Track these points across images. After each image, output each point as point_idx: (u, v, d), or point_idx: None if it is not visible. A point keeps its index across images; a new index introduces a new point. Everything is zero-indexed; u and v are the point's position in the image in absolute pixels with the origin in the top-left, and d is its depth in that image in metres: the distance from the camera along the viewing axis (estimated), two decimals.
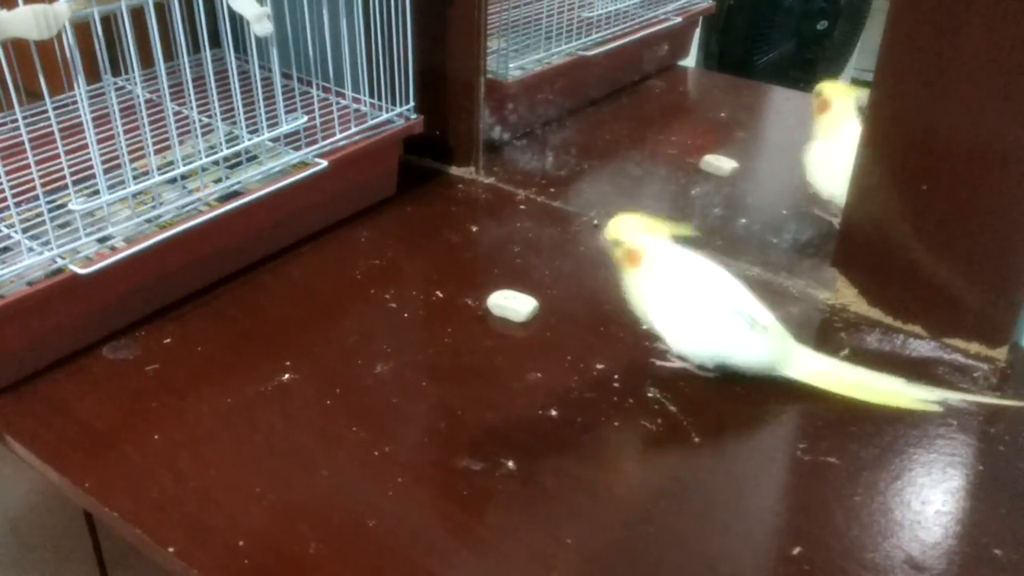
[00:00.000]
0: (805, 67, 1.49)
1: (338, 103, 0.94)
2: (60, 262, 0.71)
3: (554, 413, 0.70)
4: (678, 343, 0.73)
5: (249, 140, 0.81)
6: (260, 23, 0.73)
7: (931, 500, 0.63)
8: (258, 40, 0.77)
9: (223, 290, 0.84)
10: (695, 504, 0.62)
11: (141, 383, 0.73)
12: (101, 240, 0.75)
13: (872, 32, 1.43)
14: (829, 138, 0.90)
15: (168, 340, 0.77)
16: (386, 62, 0.92)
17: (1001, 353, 0.75)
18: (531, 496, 0.63)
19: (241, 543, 0.59)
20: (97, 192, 0.73)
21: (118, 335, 0.77)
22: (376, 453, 0.66)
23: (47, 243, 0.72)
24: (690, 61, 1.39)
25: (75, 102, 0.89)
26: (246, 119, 0.84)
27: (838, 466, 0.65)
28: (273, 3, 0.80)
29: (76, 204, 0.70)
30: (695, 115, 1.27)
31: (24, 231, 0.73)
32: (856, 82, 1.53)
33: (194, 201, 0.80)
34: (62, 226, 0.76)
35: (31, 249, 0.71)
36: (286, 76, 0.87)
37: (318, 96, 0.90)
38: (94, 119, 0.71)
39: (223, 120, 0.84)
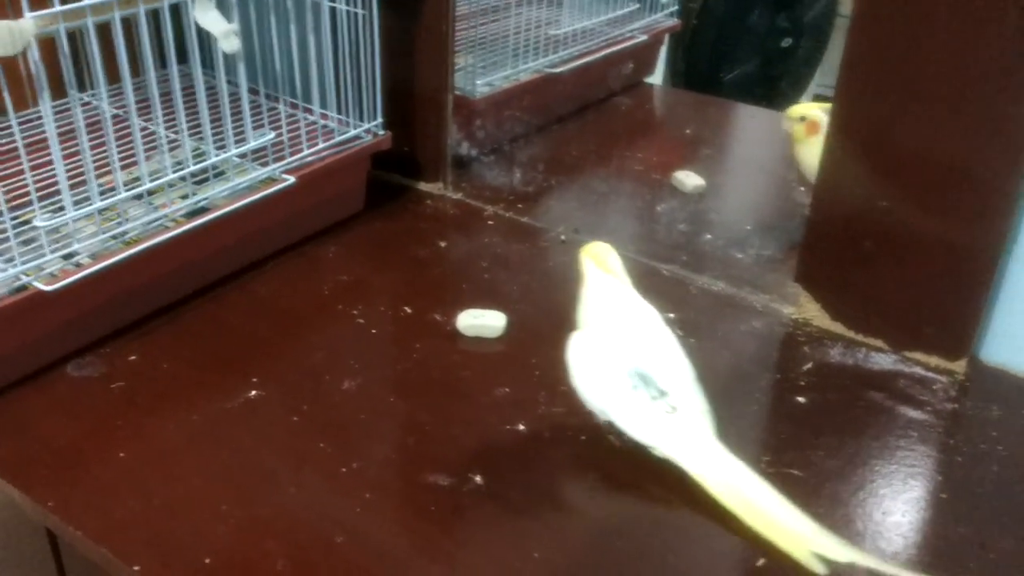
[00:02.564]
0: (770, 84, 1.51)
1: (306, 119, 0.94)
2: (24, 279, 0.71)
3: (522, 428, 0.70)
4: (575, 379, 0.68)
5: (216, 156, 0.81)
6: (228, 40, 0.73)
7: (892, 511, 0.64)
8: (226, 56, 0.78)
9: (189, 306, 0.83)
10: (662, 518, 0.63)
11: (107, 401, 0.72)
12: (66, 257, 0.75)
13: (835, 50, 1.45)
14: None
15: (134, 357, 0.77)
16: (354, 78, 0.92)
17: (960, 366, 0.77)
18: (499, 511, 0.63)
19: (207, 560, 0.59)
20: (62, 208, 0.73)
21: (83, 352, 0.77)
22: (344, 469, 0.66)
23: (11, 260, 0.71)
24: (656, 78, 1.41)
25: (40, 117, 0.89)
26: (213, 135, 0.84)
27: (802, 478, 0.66)
28: (240, 19, 0.80)
29: (41, 220, 0.70)
30: (661, 132, 1.29)
31: None
32: (819, 98, 1.55)
33: (160, 217, 0.80)
34: (27, 243, 0.75)
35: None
36: (253, 92, 0.88)
37: (285, 112, 0.90)
38: (60, 135, 0.70)
39: (190, 136, 0.84)
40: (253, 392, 0.73)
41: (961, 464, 0.68)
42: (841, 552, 0.58)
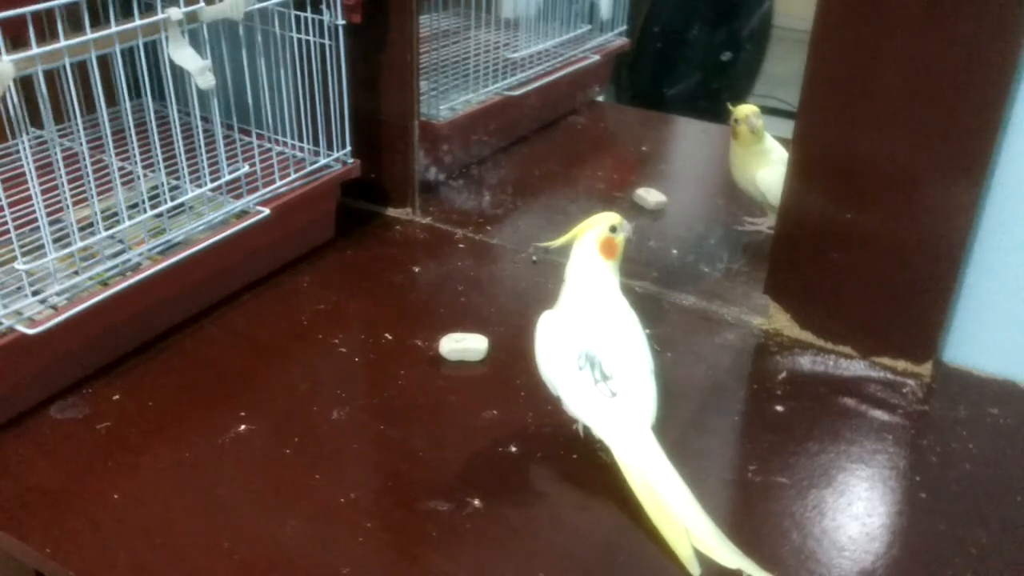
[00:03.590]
0: (711, 97, 1.55)
1: (275, 150, 0.94)
2: (5, 323, 0.70)
3: (514, 449, 0.71)
4: (536, 353, 0.70)
5: (192, 191, 0.81)
6: (203, 76, 0.74)
7: (876, 513, 0.66)
8: (199, 91, 0.78)
9: (167, 342, 0.83)
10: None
11: (94, 442, 0.72)
12: (35, 296, 0.74)
13: (771, 61, 1.50)
14: (775, 162, 0.95)
15: (117, 396, 0.76)
16: (322, 108, 0.93)
17: (926, 369, 0.80)
18: (500, 533, 0.64)
19: None
20: (38, 249, 0.72)
21: (65, 394, 0.76)
22: (342, 500, 0.67)
23: None
24: (601, 95, 1.43)
25: (10, 155, 0.88)
26: (187, 169, 0.84)
27: (788, 485, 0.69)
28: (210, 53, 0.80)
29: (21, 264, 0.69)
30: (618, 149, 1.31)
31: None
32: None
33: (136, 255, 0.79)
34: None
35: None
36: (225, 125, 0.88)
37: (256, 144, 0.91)
38: (13, 177, 0.70)
39: (162, 171, 0.84)
40: (242, 426, 0.73)
41: (936, 464, 0.71)
42: (731, 559, 0.60)
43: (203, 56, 0.75)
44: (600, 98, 1.43)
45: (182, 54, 0.73)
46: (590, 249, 0.71)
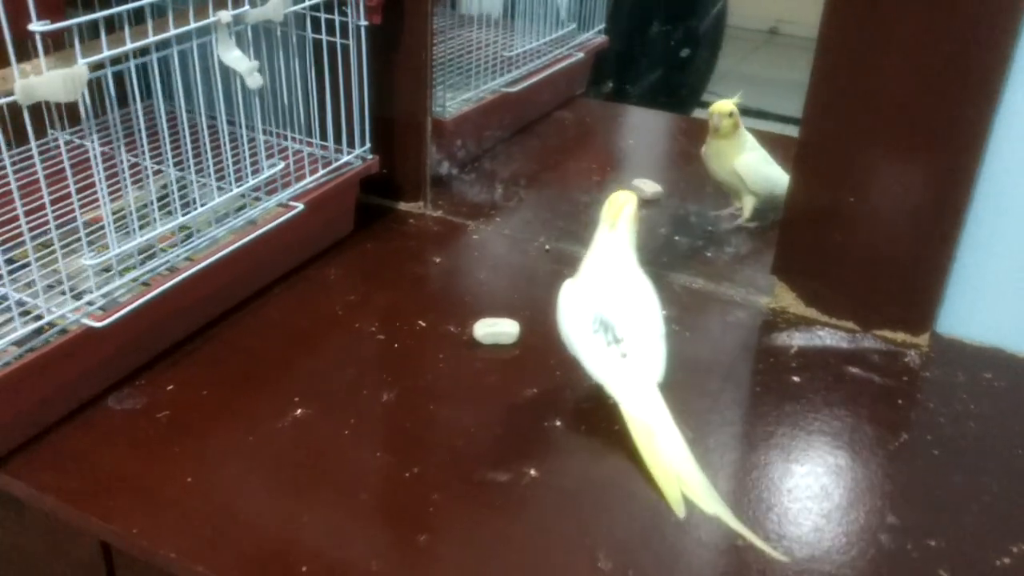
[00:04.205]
0: (671, 92, 1.61)
1: (303, 149, 0.98)
2: (71, 317, 0.72)
3: (558, 423, 0.76)
4: (557, 318, 0.76)
5: (237, 188, 0.84)
6: (251, 76, 0.77)
7: (899, 471, 0.73)
8: (238, 94, 0.81)
9: (210, 335, 0.86)
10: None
11: (157, 430, 0.75)
12: (77, 297, 0.76)
13: (725, 59, 1.57)
14: (750, 149, 1.02)
15: (171, 387, 0.79)
16: (345, 107, 0.96)
17: (924, 340, 0.87)
18: (558, 498, 0.69)
19: (304, 568, 0.63)
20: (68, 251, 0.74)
21: (119, 386, 0.79)
22: (406, 475, 0.71)
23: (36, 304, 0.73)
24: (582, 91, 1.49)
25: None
26: (217, 169, 0.87)
27: (816, 446, 0.75)
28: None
29: (88, 259, 0.72)
30: (607, 142, 1.37)
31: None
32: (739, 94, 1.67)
33: (179, 252, 0.82)
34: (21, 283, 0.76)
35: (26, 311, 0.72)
36: (249, 127, 0.91)
37: (281, 143, 0.94)
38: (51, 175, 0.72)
39: (205, 174, 0.87)
40: (299, 411, 0.77)
41: (944, 424, 0.78)
42: (711, 506, 0.66)
43: (250, 59, 0.78)
44: (580, 94, 1.49)
45: (231, 55, 0.76)
46: (604, 221, 0.77)
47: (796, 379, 0.83)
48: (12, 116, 0.68)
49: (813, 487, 0.71)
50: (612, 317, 0.73)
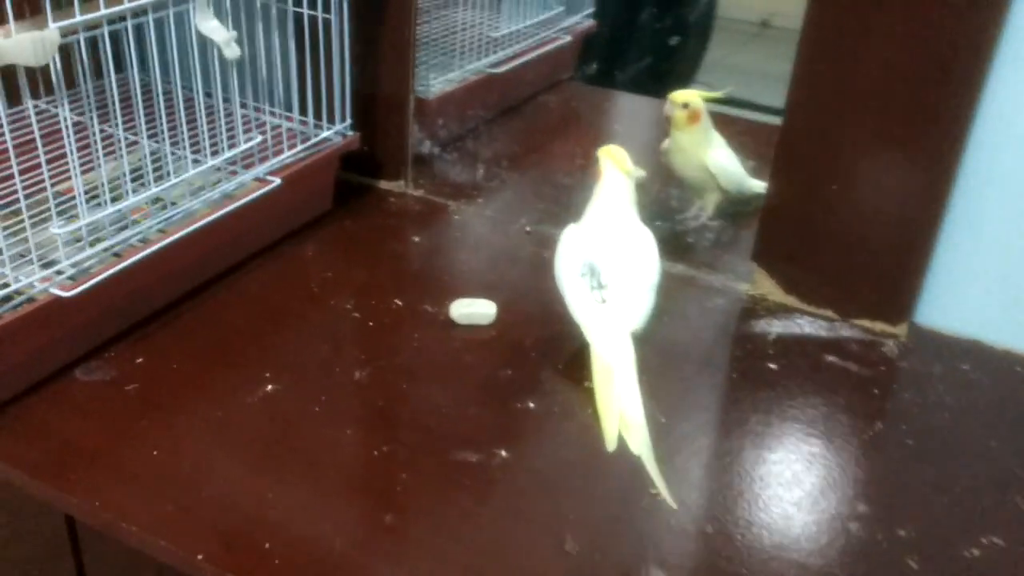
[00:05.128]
0: (659, 80, 1.61)
1: (278, 123, 0.96)
2: (39, 286, 0.71)
3: (532, 405, 0.76)
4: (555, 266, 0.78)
5: (212, 161, 0.83)
6: (229, 47, 0.76)
7: (872, 459, 0.73)
8: (215, 66, 0.80)
9: (182, 308, 0.85)
10: (672, 476, 0.69)
11: (125, 403, 0.74)
12: (47, 266, 0.75)
13: (714, 48, 1.56)
14: (719, 145, 1.00)
15: (140, 360, 0.78)
16: (326, 82, 0.95)
17: (902, 330, 0.87)
18: (529, 480, 0.68)
19: (267, 545, 0.62)
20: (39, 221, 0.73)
21: (88, 358, 0.78)
22: (376, 453, 0.70)
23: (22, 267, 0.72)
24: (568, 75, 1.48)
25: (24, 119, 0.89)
26: (193, 142, 0.86)
27: (788, 433, 0.74)
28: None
29: (57, 228, 0.71)
30: (590, 126, 1.36)
31: None
32: (727, 90, 1.67)
33: (163, 220, 0.81)
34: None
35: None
36: (227, 100, 0.89)
37: (262, 118, 0.93)
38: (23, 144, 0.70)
39: (173, 143, 0.86)
40: (269, 386, 0.76)
41: (918, 414, 0.77)
42: (637, 447, 0.65)
43: (228, 29, 0.77)
44: (567, 78, 1.48)
45: (209, 25, 0.75)
46: (613, 172, 0.81)
47: (773, 366, 0.82)
48: None
49: (784, 474, 0.70)
50: (600, 263, 0.76)
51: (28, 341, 0.71)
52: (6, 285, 0.72)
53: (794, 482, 0.70)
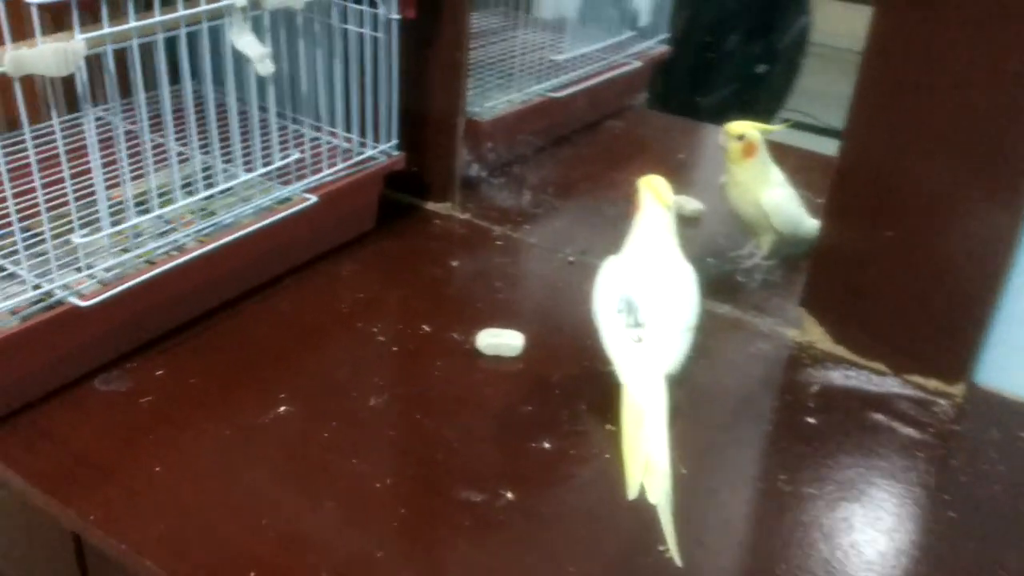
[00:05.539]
0: (745, 108, 1.55)
1: (324, 139, 0.96)
2: (59, 295, 0.72)
3: (547, 446, 0.72)
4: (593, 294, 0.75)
5: (243, 175, 0.83)
6: (263, 63, 0.75)
7: (902, 529, 0.67)
8: (254, 78, 0.79)
9: (210, 322, 0.85)
10: (687, 532, 0.65)
11: (136, 415, 0.73)
12: (79, 271, 0.75)
13: (806, 77, 1.51)
14: (776, 183, 0.94)
15: (160, 372, 0.78)
16: (371, 100, 0.94)
17: (958, 389, 0.81)
18: (531, 526, 0.65)
19: (252, 574, 0.60)
20: (88, 224, 0.74)
21: (108, 367, 0.78)
22: (377, 485, 0.68)
23: (44, 274, 0.72)
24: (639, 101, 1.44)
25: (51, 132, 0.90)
26: (235, 154, 0.85)
27: (817, 496, 0.69)
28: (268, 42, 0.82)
29: (78, 237, 0.71)
30: (655, 156, 1.32)
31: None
32: (788, 123, 1.61)
33: (184, 236, 0.81)
34: (38, 256, 0.76)
35: (28, 281, 0.71)
36: (277, 113, 0.89)
37: (306, 133, 0.92)
38: (71, 151, 0.71)
39: (212, 152, 0.85)
40: (282, 408, 0.75)
41: (965, 484, 0.71)
42: (656, 496, 0.62)
43: (264, 44, 0.77)
44: (637, 104, 1.44)
45: (244, 40, 0.74)
46: (652, 204, 0.76)
47: (812, 420, 0.77)
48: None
49: (805, 543, 0.65)
50: (639, 300, 0.72)
51: (45, 348, 0.72)
52: (38, 287, 0.72)
53: (814, 553, 0.65)
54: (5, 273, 0.74)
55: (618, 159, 1.26)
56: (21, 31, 0.63)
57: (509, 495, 0.67)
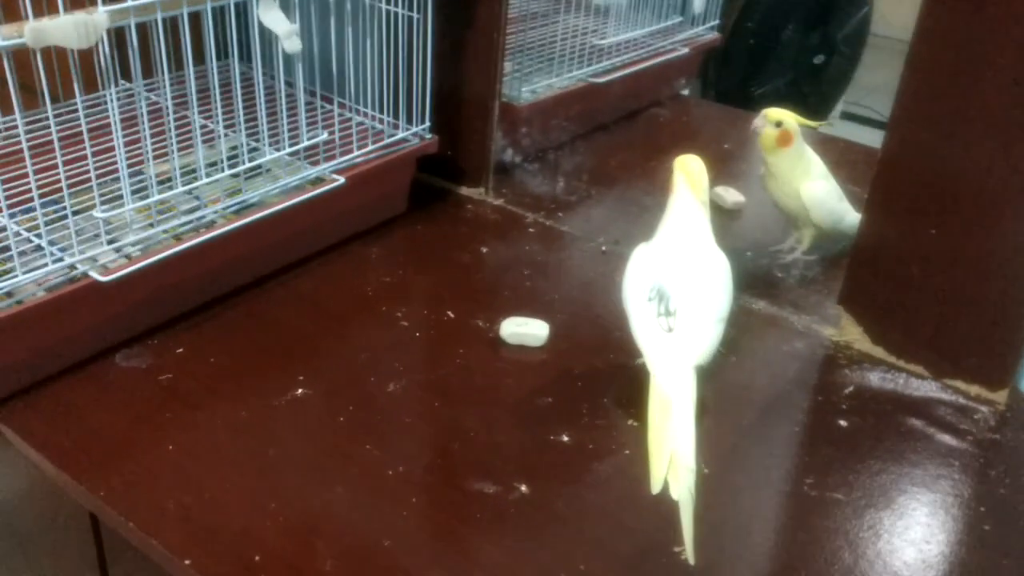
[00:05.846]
0: (800, 100, 1.51)
1: (355, 120, 0.95)
2: (80, 268, 0.71)
3: (566, 439, 0.71)
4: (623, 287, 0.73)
5: (271, 153, 0.82)
6: (290, 40, 0.74)
7: (934, 540, 0.64)
8: (284, 55, 0.78)
9: (234, 301, 0.84)
10: (705, 533, 0.63)
11: (154, 392, 0.73)
12: (111, 244, 0.75)
13: (865, 69, 1.46)
14: (817, 176, 0.91)
15: (181, 350, 0.78)
16: (405, 81, 0.92)
17: (1001, 396, 0.77)
18: (544, 521, 0.63)
19: (257, 558, 0.59)
20: (113, 199, 0.73)
21: (130, 343, 0.78)
22: (390, 472, 0.67)
23: (65, 248, 0.72)
24: (686, 89, 1.41)
25: (95, 106, 0.90)
26: (267, 132, 0.84)
27: (844, 502, 0.66)
28: (298, 19, 0.80)
29: (100, 212, 0.71)
30: (699, 145, 1.28)
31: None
32: (846, 115, 1.55)
33: (211, 212, 0.81)
34: (66, 229, 0.75)
35: (51, 254, 0.71)
36: (307, 91, 0.88)
37: (337, 112, 0.91)
38: (101, 127, 0.71)
39: (244, 132, 0.85)
40: (300, 390, 0.74)
41: (1003, 496, 0.68)
42: (679, 492, 0.59)
43: (292, 20, 0.75)
44: (686, 92, 1.41)
45: (271, 16, 0.73)
46: (685, 188, 0.73)
47: (844, 423, 0.74)
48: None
49: (827, 551, 0.63)
50: (670, 288, 0.70)
51: (68, 321, 0.72)
52: (60, 260, 0.72)
53: (837, 562, 0.62)
54: (33, 245, 0.74)
55: (659, 147, 1.23)
56: (41, 8, 0.63)
57: (523, 488, 0.66)
